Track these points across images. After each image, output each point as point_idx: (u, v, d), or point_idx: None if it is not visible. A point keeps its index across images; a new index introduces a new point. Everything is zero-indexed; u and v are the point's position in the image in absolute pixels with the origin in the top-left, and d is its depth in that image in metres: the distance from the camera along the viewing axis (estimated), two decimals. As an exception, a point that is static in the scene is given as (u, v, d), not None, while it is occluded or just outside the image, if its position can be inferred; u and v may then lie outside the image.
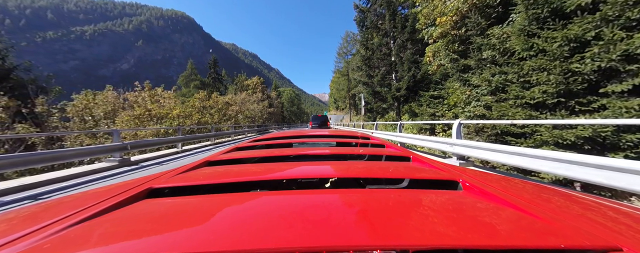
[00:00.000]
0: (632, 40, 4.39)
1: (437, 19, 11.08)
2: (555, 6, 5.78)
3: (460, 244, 0.40)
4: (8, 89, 13.07)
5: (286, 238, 0.40)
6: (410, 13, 16.81)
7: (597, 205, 0.63)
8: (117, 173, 5.52)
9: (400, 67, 17.06)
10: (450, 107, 10.61)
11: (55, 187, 4.33)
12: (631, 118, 4.33)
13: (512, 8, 7.65)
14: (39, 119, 12.88)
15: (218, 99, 25.16)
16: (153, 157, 7.72)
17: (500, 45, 7.83)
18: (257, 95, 39.41)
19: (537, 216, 0.51)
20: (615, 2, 4.63)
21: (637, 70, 4.43)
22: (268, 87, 57.99)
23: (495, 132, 7.28)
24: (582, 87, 5.20)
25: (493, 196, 0.64)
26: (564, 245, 0.39)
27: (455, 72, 10.47)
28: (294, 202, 0.61)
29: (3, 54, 15.35)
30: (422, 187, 1.03)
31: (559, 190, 0.78)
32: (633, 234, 0.44)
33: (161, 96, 17.64)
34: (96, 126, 14.41)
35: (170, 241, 0.42)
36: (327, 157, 1.64)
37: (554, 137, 5.21)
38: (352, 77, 38.20)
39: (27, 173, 7.38)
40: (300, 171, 0.95)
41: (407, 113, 16.25)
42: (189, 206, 0.61)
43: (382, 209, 0.56)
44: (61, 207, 0.64)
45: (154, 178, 0.86)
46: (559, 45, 5.42)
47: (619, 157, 4.44)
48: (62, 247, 0.41)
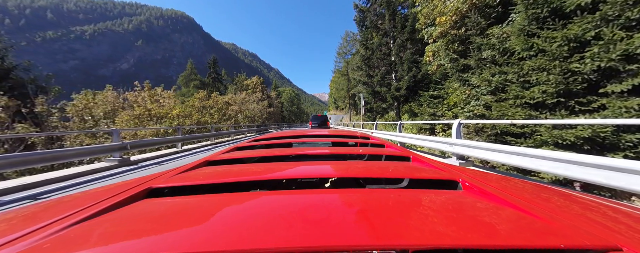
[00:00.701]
0: (632, 40, 4.39)
1: (437, 19, 11.08)
2: (555, 6, 5.78)
3: (460, 244, 0.40)
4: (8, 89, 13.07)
5: (286, 239, 0.40)
6: (410, 13, 16.82)
7: (597, 205, 0.63)
8: (117, 173, 5.52)
9: (400, 67, 17.06)
10: (450, 107, 10.61)
11: (55, 187, 4.33)
12: (631, 118, 4.33)
13: (512, 8, 7.66)
14: (39, 119, 12.88)
15: (218, 99, 25.18)
16: (153, 157, 7.71)
17: (500, 46, 7.83)
18: (257, 95, 39.43)
19: (537, 216, 0.51)
20: (616, 2, 4.63)
21: (637, 70, 4.43)
22: (268, 87, 58.00)
23: (495, 132, 7.29)
24: (582, 87, 5.20)
25: (493, 196, 0.64)
26: (564, 245, 0.39)
27: (455, 72, 10.47)
28: (294, 202, 0.61)
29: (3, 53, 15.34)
30: (422, 187, 1.02)
31: (559, 190, 0.78)
32: (633, 234, 0.44)
33: (161, 96, 17.65)
34: (96, 126, 14.41)
35: (170, 241, 0.42)
36: (327, 157, 1.64)
37: (553, 138, 5.21)
38: (352, 77, 38.22)
39: (27, 173, 7.39)
40: (300, 171, 0.95)
41: (407, 113, 16.26)
42: (189, 206, 0.61)
43: (382, 209, 0.56)
44: (61, 207, 0.63)
45: (153, 178, 0.86)
46: (559, 45, 5.42)
47: (619, 157, 4.45)
48: (62, 247, 0.41)
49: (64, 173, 4.94)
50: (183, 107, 19.14)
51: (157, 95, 17.62)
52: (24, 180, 4.43)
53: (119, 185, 0.81)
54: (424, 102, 13.02)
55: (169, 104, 17.18)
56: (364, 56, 20.30)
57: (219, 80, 47.32)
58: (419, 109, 13.26)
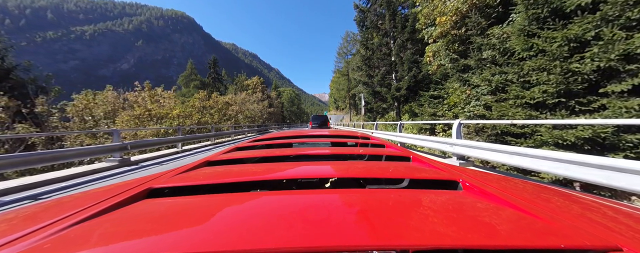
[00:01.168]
0: (631, 40, 4.39)
1: (437, 18, 11.08)
2: (555, 6, 5.78)
3: (461, 244, 0.40)
4: (8, 89, 13.08)
5: (286, 239, 0.40)
6: (410, 13, 16.82)
7: (597, 205, 0.63)
8: (118, 173, 5.52)
9: (400, 67, 17.07)
10: (450, 107, 10.61)
11: (56, 186, 4.33)
12: (631, 118, 4.33)
13: (512, 8, 7.67)
14: (39, 119, 12.88)
15: (218, 98, 25.20)
16: (153, 157, 7.72)
17: (500, 45, 7.83)
18: (257, 95, 39.45)
19: (537, 216, 0.51)
20: (616, 2, 4.63)
21: (637, 70, 4.43)
22: (268, 87, 58.03)
23: (495, 132, 7.29)
24: (582, 87, 5.20)
25: (493, 196, 0.64)
26: (564, 245, 0.39)
27: (455, 72, 10.48)
28: (293, 202, 0.61)
29: (3, 53, 15.35)
30: (422, 187, 1.02)
31: (559, 190, 0.78)
32: (633, 234, 0.44)
33: (161, 96, 17.66)
34: (96, 126, 14.41)
35: (170, 241, 0.42)
36: (327, 157, 1.64)
37: (554, 138, 5.21)
38: (352, 77, 38.21)
39: (27, 173, 7.38)
40: (300, 171, 0.95)
41: (407, 113, 16.26)
42: (188, 206, 0.61)
43: (382, 209, 0.56)
44: (61, 207, 0.63)
45: (153, 179, 0.86)
46: (558, 45, 5.43)
47: (619, 157, 4.45)
48: (62, 247, 0.41)
49: (65, 173, 4.94)
50: (183, 107, 19.15)
51: (157, 95, 17.63)
52: (24, 180, 4.43)
53: (119, 185, 0.81)
54: (424, 101, 13.03)
55: (169, 104, 17.18)
56: (364, 56, 20.30)
57: (219, 80, 47.35)
58: (419, 109, 13.26)
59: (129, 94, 16.86)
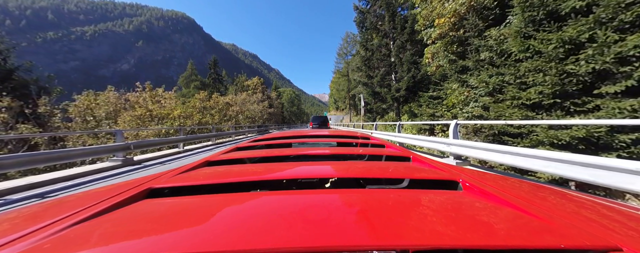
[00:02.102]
0: (625, 43, 4.49)
1: (436, 20, 11.18)
2: (551, 9, 5.88)
3: (460, 244, 0.40)
4: (10, 89, 13.14)
5: (286, 239, 0.40)
6: (409, 14, 16.94)
7: (597, 205, 0.63)
8: (121, 172, 5.62)
9: (399, 67, 17.17)
10: (449, 107, 10.70)
11: (61, 185, 4.43)
12: (624, 118, 4.42)
13: (509, 10, 7.76)
14: (41, 119, 12.96)
15: (218, 99, 25.31)
16: (155, 157, 7.81)
17: (498, 47, 7.93)
18: (257, 96, 39.50)
19: (537, 216, 0.51)
20: (608, 5, 4.72)
21: (630, 72, 4.52)
22: (268, 87, 58.08)
23: (492, 132, 7.38)
24: (577, 88, 5.29)
25: (493, 196, 0.64)
26: (564, 245, 0.39)
27: (454, 73, 10.57)
28: (293, 202, 0.61)
29: (5, 54, 15.43)
30: (422, 187, 1.02)
31: (559, 190, 0.78)
32: (633, 234, 0.44)
33: (162, 97, 17.73)
34: (98, 126, 14.49)
35: (170, 241, 0.42)
36: (327, 157, 1.63)
37: (549, 137, 5.30)
38: (352, 78, 38.31)
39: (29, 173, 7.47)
40: (300, 171, 0.95)
41: (407, 113, 16.34)
42: (188, 206, 0.61)
43: (382, 209, 0.55)
44: (61, 207, 0.63)
45: (154, 178, 0.86)
46: (554, 47, 5.52)
47: (612, 156, 4.53)
48: (62, 247, 0.41)
49: (69, 173, 5.03)
50: (184, 107, 19.22)
51: (158, 95, 17.70)
52: (30, 179, 4.53)
53: (119, 185, 0.81)
54: (423, 102, 13.12)
55: (170, 104, 17.26)
56: (363, 57, 20.41)
57: (220, 81, 47.40)
58: (418, 110, 13.35)
59: (129, 95, 16.93)
